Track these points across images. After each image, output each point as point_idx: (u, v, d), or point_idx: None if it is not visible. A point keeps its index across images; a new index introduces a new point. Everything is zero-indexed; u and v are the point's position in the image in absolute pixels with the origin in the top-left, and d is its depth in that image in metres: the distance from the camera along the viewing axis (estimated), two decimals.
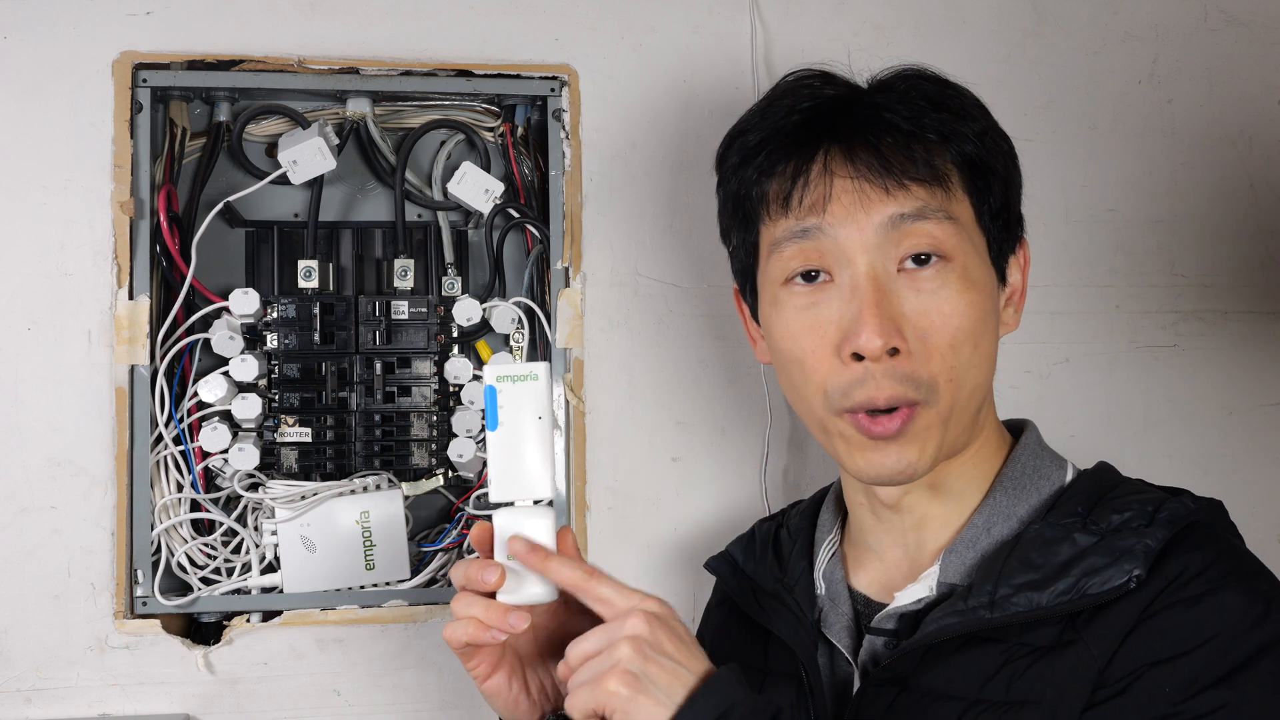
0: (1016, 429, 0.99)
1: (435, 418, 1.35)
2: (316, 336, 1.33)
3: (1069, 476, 0.94)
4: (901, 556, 0.96)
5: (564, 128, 1.38)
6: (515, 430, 0.87)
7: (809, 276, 0.91)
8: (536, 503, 0.88)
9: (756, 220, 0.95)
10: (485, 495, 1.39)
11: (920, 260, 0.88)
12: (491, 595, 0.88)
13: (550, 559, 0.87)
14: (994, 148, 0.92)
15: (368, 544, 1.31)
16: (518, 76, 1.37)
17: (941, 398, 0.88)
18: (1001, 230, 0.93)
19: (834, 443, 0.92)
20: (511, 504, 0.88)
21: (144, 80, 1.31)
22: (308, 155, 1.31)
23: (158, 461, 1.30)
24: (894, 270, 0.88)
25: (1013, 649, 0.85)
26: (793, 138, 0.92)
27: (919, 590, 0.91)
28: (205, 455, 1.30)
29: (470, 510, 1.37)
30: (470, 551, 1.33)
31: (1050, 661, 0.84)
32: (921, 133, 0.89)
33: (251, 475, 1.31)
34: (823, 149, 0.90)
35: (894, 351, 0.87)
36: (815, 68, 0.96)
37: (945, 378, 0.88)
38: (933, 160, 0.89)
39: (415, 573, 1.34)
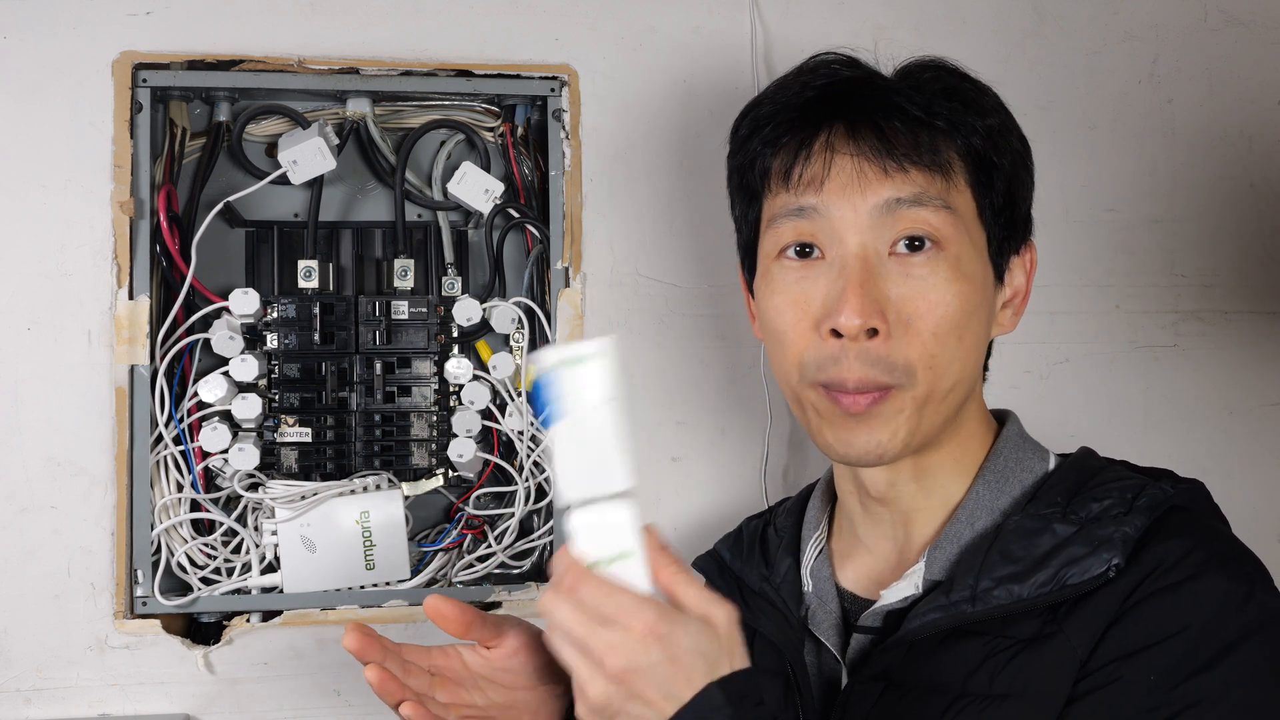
0: (999, 419, 0.99)
1: (435, 418, 1.35)
2: (316, 336, 1.33)
3: (1051, 465, 0.94)
4: (890, 550, 0.96)
5: (564, 128, 1.38)
6: (584, 419, 0.74)
7: (802, 252, 0.91)
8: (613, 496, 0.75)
9: (759, 194, 0.95)
10: (485, 496, 1.40)
11: (913, 246, 0.88)
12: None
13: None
14: (1003, 144, 0.92)
15: (368, 544, 1.31)
16: (518, 76, 1.37)
17: (919, 383, 0.87)
18: (1004, 228, 0.93)
19: (807, 415, 0.92)
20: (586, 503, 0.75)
21: (144, 80, 1.31)
22: (308, 155, 1.31)
23: (158, 461, 1.30)
24: (885, 252, 0.88)
25: (995, 642, 0.85)
26: (801, 113, 0.91)
27: (905, 588, 0.91)
28: (205, 455, 1.30)
29: (470, 510, 1.37)
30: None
31: (1032, 654, 0.83)
32: (930, 119, 0.88)
33: (251, 475, 1.31)
34: (828, 126, 0.90)
35: (873, 333, 0.86)
36: (841, 51, 0.95)
37: (924, 364, 0.87)
38: (937, 148, 0.88)
39: (415, 573, 1.34)
